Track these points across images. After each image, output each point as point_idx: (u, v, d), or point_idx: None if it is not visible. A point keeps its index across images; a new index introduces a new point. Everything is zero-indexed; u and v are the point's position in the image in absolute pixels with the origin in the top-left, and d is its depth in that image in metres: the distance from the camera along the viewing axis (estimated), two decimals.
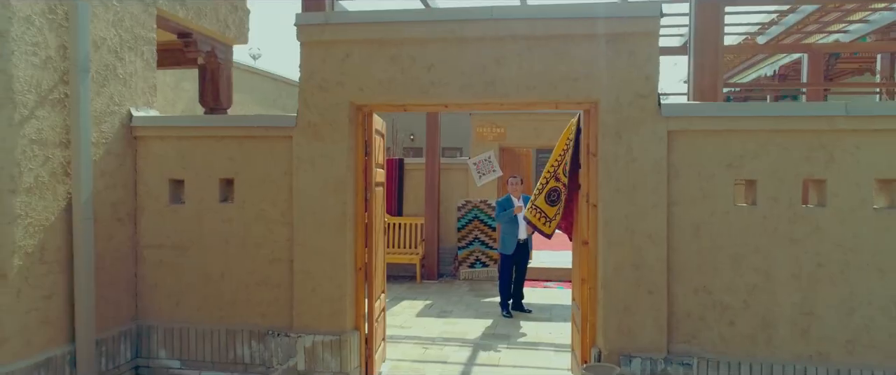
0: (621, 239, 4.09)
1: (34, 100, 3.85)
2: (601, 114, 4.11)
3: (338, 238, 4.42)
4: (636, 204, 4.07)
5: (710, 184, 4.04)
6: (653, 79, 4.05)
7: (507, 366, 5.60)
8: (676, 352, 4.09)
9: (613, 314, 4.12)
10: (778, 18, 8.93)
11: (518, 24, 4.12)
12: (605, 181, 4.11)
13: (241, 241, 4.62)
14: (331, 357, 4.41)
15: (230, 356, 4.63)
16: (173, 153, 4.70)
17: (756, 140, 3.97)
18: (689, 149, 4.05)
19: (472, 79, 4.23)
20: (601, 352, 4.17)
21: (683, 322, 4.10)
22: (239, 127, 4.60)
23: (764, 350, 4.03)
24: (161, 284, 4.74)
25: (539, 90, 4.17)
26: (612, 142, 4.09)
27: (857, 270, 3.90)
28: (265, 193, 4.58)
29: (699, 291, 4.08)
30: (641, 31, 4.02)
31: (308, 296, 4.46)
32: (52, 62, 3.99)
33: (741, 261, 4.03)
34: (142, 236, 4.76)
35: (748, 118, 3.97)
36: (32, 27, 3.83)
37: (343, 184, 4.41)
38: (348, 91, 4.38)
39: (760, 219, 4.01)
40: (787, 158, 3.96)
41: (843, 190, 3.91)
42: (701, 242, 4.06)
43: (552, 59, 4.12)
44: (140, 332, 4.75)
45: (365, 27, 4.30)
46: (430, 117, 9.94)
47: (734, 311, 4.05)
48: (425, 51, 4.26)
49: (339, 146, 4.40)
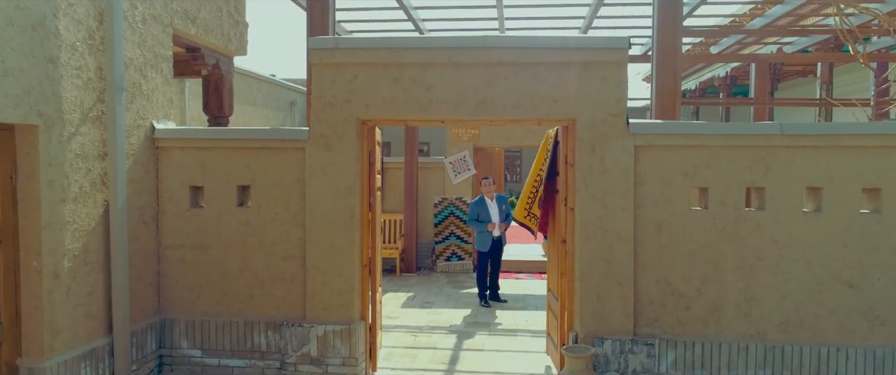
0: (595, 238, 4.77)
1: (78, 118, 4.30)
2: (578, 131, 4.77)
3: (347, 237, 4.99)
4: (608, 208, 4.75)
5: (670, 190, 4.76)
6: (622, 100, 4.72)
7: (490, 350, 6.26)
8: (641, 334, 4.81)
9: (588, 302, 4.81)
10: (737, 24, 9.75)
11: (507, 52, 4.74)
12: (581, 187, 4.78)
13: (258, 241, 5.14)
14: (341, 344, 4.99)
15: (248, 345, 5.16)
16: (193, 162, 5.18)
17: (708, 153, 4.70)
18: (653, 160, 4.75)
19: (466, 99, 4.84)
20: (578, 335, 4.86)
21: (647, 308, 4.81)
22: (255, 139, 5.10)
23: (714, 330, 4.78)
24: (182, 280, 5.23)
25: (524, 109, 4.81)
26: (588, 154, 4.76)
27: (790, 262, 4.67)
28: (279, 198, 5.10)
29: (660, 281, 4.79)
30: (612, 61, 4.69)
31: (320, 290, 5.02)
32: (92, 83, 4.44)
33: (695, 255, 4.76)
34: (164, 237, 5.23)
35: (702, 135, 4.69)
36: (76, 52, 4.28)
37: (351, 189, 4.97)
38: (355, 108, 4.93)
39: (711, 220, 4.74)
40: (733, 169, 4.69)
41: (779, 195, 4.67)
42: (662, 239, 4.78)
43: (536, 83, 4.76)
44: (163, 325, 5.23)
45: (371, 52, 4.85)
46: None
47: (689, 298, 4.79)
48: (425, 73, 4.85)
49: (347, 156, 4.96)
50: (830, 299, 4.65)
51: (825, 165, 4.60)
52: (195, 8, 5.83)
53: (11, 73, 3.72)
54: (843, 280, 4.63)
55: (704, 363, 4.76)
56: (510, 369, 5.67)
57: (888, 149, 4.54)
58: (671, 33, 5.31)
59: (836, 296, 4.64)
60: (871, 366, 4.62)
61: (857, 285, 4.62)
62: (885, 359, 4.61)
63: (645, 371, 4.75)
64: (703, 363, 4.76)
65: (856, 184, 4.60)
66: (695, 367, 4.77)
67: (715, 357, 4.75)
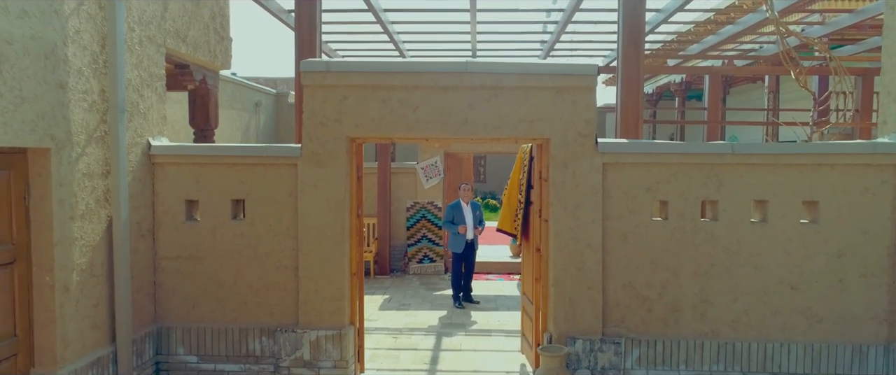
0: (568, 247, 5.23)
1: (84, 139, 4.53)
2: (552, 149, 5.21)
3: (337, 248, 5.33)
4: (579, 219, 5.22)
5: (634, 203, 5.25)
6: (591, 122, 5.19)
7: (467, 350, 6.68)
8: (609, 334, 5.29)
9: (561, 305, 5.26)
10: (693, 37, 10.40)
11: (486, 77, 5.15)
12: (555, 201, 5.23)
13: (252, 252, 5.43)
14: (332, 348, 5.33)
15: (243, 350, 5.45)
16: (189, 177, 5.43)
17: (668, 170, 5.21)
18: (619, 176, 5.23)
19: (449, 119, 5.23)
20: (552, 336, 5.31)
21: (614, 311, 5.30)
22: (249, 155, 5.39)
23: (673, 329, 5.29)
24: (178, 290, 5.48)
25: (503, 129, 5.23)
26: (561, 170, 5.21)
27: (739, 268, 5.22)
28: (273, 211, 5.40)
29: (626, 286, 5.28)
30: (583, 86, 5.15)
31: (312, 297, 5.35)
32: (96, 105, 4.67)
33: (656, 262, 5.26)
34: (160, 249, 5.47)
35: (662, 154, 5.19)
36: (83, 77, 4.50)
37: (341, 203, 5.31)
38: (345, 127, 5.27)
39: (671, 230, 5.25)
40: (690, 184, 5.21)
41: (730, 208, 5.21)
42: (627, 248, 5.26)
43: (514, 105, 5.19)
44: (160, 332, 5.47)
45: (360, 75, 5.20)
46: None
47: (651, 301, 5.29)
48: (411, 96, 5.22)
49: (337, 172, 5.29)
50: (775, 300, 5.22)
51: (770, 181, 5.16)
52: (185, 27, 6.07)
53: (28, 100, 3.95)
54: (785, 283, 5.20)
55: (665, 359, 5.28)
56: (487, 368, 6.10)
57: (824, 166, 5.12)
58: (634, 60, 5.80)
59: (779, 298, 5.21)
60: (810, 360, 5.21)
61: (797, 287, 5.19)
62: (822, 353, 5.20)
63: (612, 367, 5.23)
64: (664, 359, 5.28)
65: (796, 198, 5.17)
66: (657, 363, 5.28)
67: (674, 353, 5.28)
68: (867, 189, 5.11)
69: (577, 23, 8.51)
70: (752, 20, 8.32)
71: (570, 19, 8.16)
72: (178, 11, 5.91)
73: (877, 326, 5.19)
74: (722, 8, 8.79)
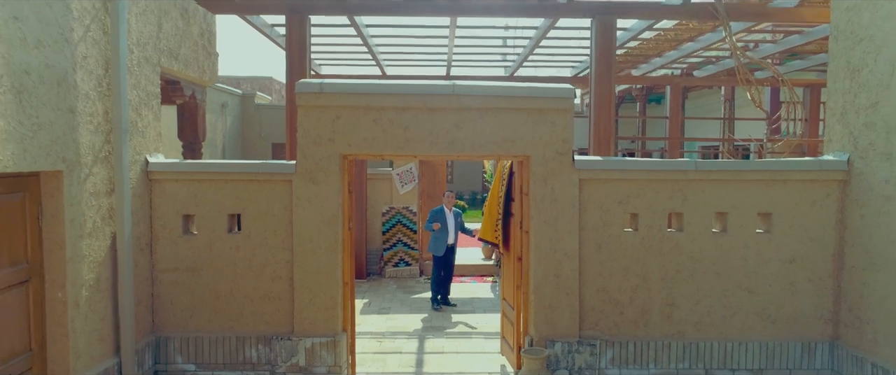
0: (547, 256, 5.64)
1: (91, 159, 4.73)
2: (532, 166, 5.61)
3: (331, 259, 5.62)
4: (557, 231, 5.63)
5: (607, 216, 5.69)
6: (569, 141, 5.61)
7: (450, 353, 7.04)
8: (585, 336, 5.73)
9: (541, 310, 5.67)
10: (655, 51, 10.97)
11: (472, 99, 5.51)
12: (535, 214, 5.63)
13: (248, 264, 5.68)
14: (327, 354, 5.63)
15: (240, 358, 5.70)
16: (186, 193, 5.65)
17: (638, 185, 5.66)
18: (594, 191, 5.67)
19: (437, 139, 5.57)
20: (533, 339, 5.72)
21: (590, 314, 5.74)
22: (246, 172, 5.64)
23: (643, 331, 5.76)
24: (176, 301, 5.70)
25: (487, 147, 5.60)
26: (541, 186, 5.61)
27: (702, 274, 5.72)
28: (268, 225, 5.66)
29: (600, 291, 5.73)
30: (560, 108, 5.56)
31: (307, 306, 5.64)
32: (101, 126, 4.87)
33: (628, 269, 5.72)
34: (157, 262, 5.67)
35: (633, 170, 5.65)
36: (89, 100, 4.70)
37: (334, 217, 5.61)
38: (338, 145, 5.56)
39: (640, 240, 5.71)
40: (658, 198, 5.68)
41: (694, 219, 5.70)
42: (602, 256, 5.70)
43: (497, 126, 5.56)
44: (158, 342, 5.68)
45: (353, 96, 5.50)
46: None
47: (623, 305, 5.75)
48: (402, 116, 5.54)
49: (331, 188, 5.58)
50: (733, 303, 5.74)
51: (730, 195, 5.67)
52: (177, 45, 6.26)
53: (44, 126, 4.15)
54: (743, 287, 5.72)
55: (636, 358, 5.75)
56: (470, 369, 6.47)
57: (777, 181, 5.65)
58: (606, 82, 6.25)
59: (737, 301, 5.73)
60: (765, 357, 5.74)
61: (754, 291, 5.72)
62: (775, 350, 5.74)
63: (588, 367, 5.67)
64: (635, 359, 5.74)
65: (753, 210, 5.69)
66: (629, 363, 5.74)
67: (644, 353, 5.74)
68: (815, 201, 5.66)
69: (550, 39, 8.94)
70: (712, 38, 8.89)
71: (544, 36, 8.59)
72: (171, 30, 6.10)
73: (823, 325, 5.75)
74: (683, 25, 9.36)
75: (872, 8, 5.28)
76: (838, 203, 5.66)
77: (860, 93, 5.45)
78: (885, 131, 5.13)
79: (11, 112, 3.82)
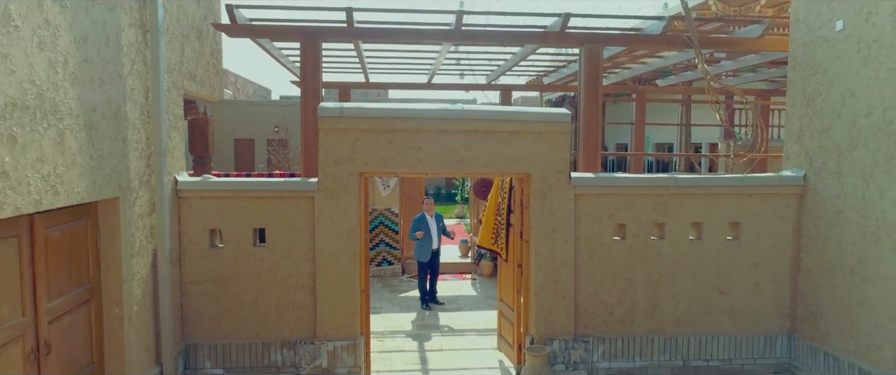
0: (546, 264, 6.28)
1: (138, 184, 5.09)
2: (533, 183, 6.23)
3: (350, 270, 6.12)
4: (555, 241, 6.28)
5: (599, 226, 6.37)
6: (566, 160, 6.24)
7: (448, 350, 7.63)
8: (579, 334, 6.42)
9: (541, 312, 6.32)
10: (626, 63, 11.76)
11: (479, 122, 6.08)
12: (535, 226, 6.26)
13: (272, 275, 6.12)
14: (348, 356, 6.14)
15: (265, 361, 6.15)
16: (213, 209, 6.03)
17: (626, 199, 6.36)
18: (587, 204, 6.33)
19: (447, 158, 6.12)
20: (533, 338, 6.37)
21: (583, 315, 6.42)
22: (270, 189, 6.06)
23: (629, 328, 6.49)
24: (204, 311, 6.09)
25: (492, 166, 6.19)
26: (540, 200, 6.24)
27: (681, 277, 6.48)
28: (291, 238, 6.11)
29: (592, 295, 6.42)
30: (558, 130, 6.18)
31: (329, 313, 6.12)
32: (143, 151, 5.22)
33: (616, 274, 6.42)
34: (186, 274, 6.05)
35: (622, 186, 6.34)
36: (136, 129, 5.05)
37: (353, 231, 6.10)
38: (357, 165, 6.05)
39: (628, 248, 6.42)
40: (643, 210, 6.39)
41: (674, 229, 6.44)
42: (594, 263, 6.39)
43: (502, 146, 6.15)
44: (187, 349, 6.07)
45: (370, 119, 5.98)
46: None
47: (612, 306, 6.45)
48: (415, 137, 6.06)
49: (350, 204, 6.07)
50: (707, 302, 6.52)
51: (704, 207, 6.43)
52: (195, 67, 6.59)
53: (106, 158, 4.50)
54: (715, 288, 6.51)
55: (623, 352, 6.47)
56: (471, 365, 7.08)
57: (744, 195, 6.45)
58: (594, 104, 6.91)
59: (710, 300, 6.52)
60: (734, 348, 6.56)
61: (724, 291, 6.52)
62: (741, 342, 6.56)
63: (583, 361, 6.36)
64: (622, 353, 6.47)
65: (724, 220, 6.48)
66: (617, 356, 6.47)
67: (631, 347, 6.48)
68: (777, 213, 6.49)
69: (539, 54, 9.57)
70: (677, 57, 9.70)
71: (531, 53, 9.21)
72: (190, 54, 6.43)
73: (782, 320, 6.61)
74: None
75: (826, 46, 6.10)
76: (796, 214, 6.50)
77: (815, 119, 6.28)
78: (837, 154, 5.97)
79: (85, 147, 4.18)
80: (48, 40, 3.72)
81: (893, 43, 5.26)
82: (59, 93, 3.85)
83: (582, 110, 6.95)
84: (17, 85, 3.41)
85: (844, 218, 5.86)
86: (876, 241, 5.48)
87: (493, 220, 7.15)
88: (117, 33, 4.67)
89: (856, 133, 5.70)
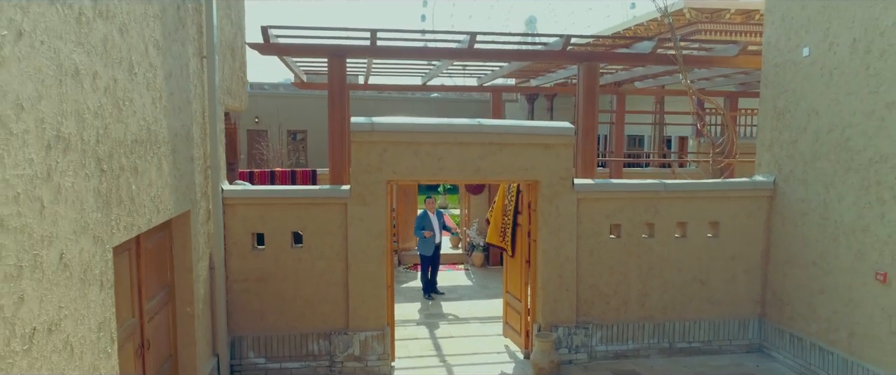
0: (552, 260, 7.10)
1: (200, 196, 5.70)
2: (541, 188, 7.02)
3: (379, 268, 6.83)
4: (560, 239, 7.09)
5: (598, 226, 7.21)
6: (570, 169, 7.05)
7: (458, 337, 8.43)
8: (580, 322, 7.27)
9: (547, 303, 7.15)
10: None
11: (494, 135, 6.83)
12: (542, 227, 7.07)
13: (309, 273, 6.79)
14: (377, 345, 6.87)
15: (303, 351, 6.84)
16: (255, 215, 6.66)
17: (621, 202, 7.21)
18: (588, 207, 7.16)
19: (465, 167, 6.86)
20: (540, 326, 7.20)
21: (584, 305, 7.28)
22: (307, 196, 6.71)
23: (623, 316, 7.37)
24: (247, 306, 6.74)
25: (505, 174, 6.95)
26: (547, 203, 7.04)
27: (668, 270, 7.38)
28: (325, 240, 6.78)
29: (592, 287, 7.27)
30: (564, 143, 6.97)
31: (360, 307, 6.84)
32: (202, 166, 5.83)
33: (613, 269, 7.29)
34: (231, 273, 6.67)
35: (618, 191, 7.18)
36: (197, 146, 5.65)
37: (381, 233, 6.81)
38: (385, 173, 6.74)
39: (622, 245, 7.29)
40: (636, 211, 7.25)
41: (663, 228, 7.32)
42: (593, 259, 7.24)
43: (514, 156, 6.91)
44: (233, 341, 6.72)
45: (398, 133, 6.67)
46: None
47: (608, 296, 7.32)
48: (437, 149, 6.77)
49: (379, 209, 6.76)
50: (690, 291, 7.45)
51: (689, 208, 7.33)
52: (230, 82, 7.16)
53: (183, 176, 5.12)
54: (697, 279, 7.44)
55: (618, 337, 7.36)
56: (480, 350, 7.89)
57: (723, 198, 7.37)
58: (591, 116, 7.72)
59: (693, 290, 7.44)
60: (713, 331, 7.51)
61: (705, 282, 7.45)
62: (719, 326, 7.52)
63: (583, 345, 7.23)
64: (617, 337, 7.36)
65: (705, 219, 7.39)
66: (613, 340, 7.35)
67: (624, 333, 7.37)
68: (750, 213, 7.43)
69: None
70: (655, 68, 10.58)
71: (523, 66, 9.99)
72: (228, 72, 7.00)
73: (753, 306, 7.58)
74: None
75: (794, 69, 7.01)
76: (766, 214, 7.45)
77: (784, 131, 7.21)
78: (802, 163, 6.91)
79: (172, 169, 4.79)
80: (151, 81, 4.32)
81: (851, 71, 6.18)
82: (158, 124, 4.46)
83: (580, 120, 7.75)
84: (137, 123, 4.02)
85: (808, 219, 6.81)
86: (834, 239, 6.44)
87: (501, 220, 7.93)
88: (187, 64, 5.26)
89: (819, 147, 6.64)
